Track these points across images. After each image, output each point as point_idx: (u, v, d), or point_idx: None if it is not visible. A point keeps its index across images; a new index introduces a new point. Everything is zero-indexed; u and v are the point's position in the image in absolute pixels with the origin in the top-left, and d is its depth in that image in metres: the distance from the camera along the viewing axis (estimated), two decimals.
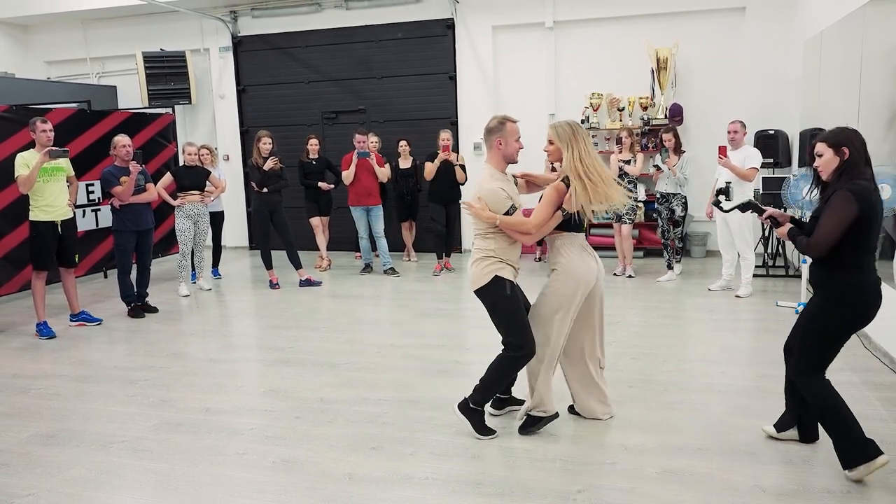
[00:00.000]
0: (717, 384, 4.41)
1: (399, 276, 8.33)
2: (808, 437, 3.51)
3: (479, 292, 3.65)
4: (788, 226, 3.34)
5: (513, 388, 4.07)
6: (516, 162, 3.76)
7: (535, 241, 3.76)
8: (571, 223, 3.61)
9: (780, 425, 3.58)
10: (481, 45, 9.56)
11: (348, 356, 5.25)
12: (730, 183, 6.57)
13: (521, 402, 3.97)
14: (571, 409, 3.99)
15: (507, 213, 3.54)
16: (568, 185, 3.49)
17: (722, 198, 6.37)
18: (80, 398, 4.55)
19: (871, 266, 3.13)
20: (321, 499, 3.14)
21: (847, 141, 3.08)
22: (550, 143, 3.63)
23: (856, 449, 3.09)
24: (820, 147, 3.15)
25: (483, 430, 3.72)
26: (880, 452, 3.08)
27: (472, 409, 3.73)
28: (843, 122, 3.69)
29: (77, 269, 6.67)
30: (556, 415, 3.76)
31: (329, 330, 6.02)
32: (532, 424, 3.74)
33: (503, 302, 3.59)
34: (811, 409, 3.28)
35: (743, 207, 3.69)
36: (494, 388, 3.73)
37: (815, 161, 3.19)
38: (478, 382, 3.71)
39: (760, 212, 3.51)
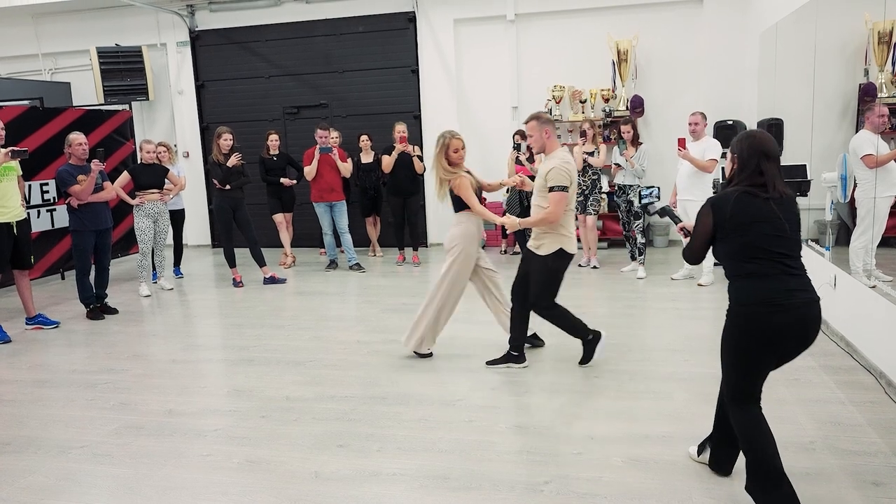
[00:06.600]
0: (680, 373, 4.48)
1: (364, 271, 8.28)
2: (718, 467, 3.12)
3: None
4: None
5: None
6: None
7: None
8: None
9: (701, 447, 3.24)
10: (443, 38, 9.53)
11: (314, 353, 5.20)
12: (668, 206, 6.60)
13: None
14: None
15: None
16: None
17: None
18: (38, 403, 4.42)
19: (765, 272, 2.66)
20: (287, 499, 3.10)
21: (736, 148, 2.80)
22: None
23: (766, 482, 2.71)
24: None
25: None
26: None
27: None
28: (799, 113, 3.71)
29: (32, 270, 6.49)
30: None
31: (294, 328, 5.96)
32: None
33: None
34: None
35: (661, 213, 3.54)
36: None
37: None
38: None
39: (676, 221, 3.37)
